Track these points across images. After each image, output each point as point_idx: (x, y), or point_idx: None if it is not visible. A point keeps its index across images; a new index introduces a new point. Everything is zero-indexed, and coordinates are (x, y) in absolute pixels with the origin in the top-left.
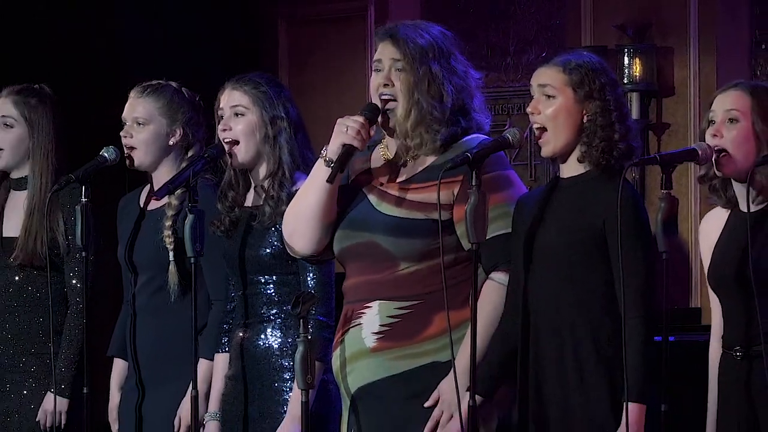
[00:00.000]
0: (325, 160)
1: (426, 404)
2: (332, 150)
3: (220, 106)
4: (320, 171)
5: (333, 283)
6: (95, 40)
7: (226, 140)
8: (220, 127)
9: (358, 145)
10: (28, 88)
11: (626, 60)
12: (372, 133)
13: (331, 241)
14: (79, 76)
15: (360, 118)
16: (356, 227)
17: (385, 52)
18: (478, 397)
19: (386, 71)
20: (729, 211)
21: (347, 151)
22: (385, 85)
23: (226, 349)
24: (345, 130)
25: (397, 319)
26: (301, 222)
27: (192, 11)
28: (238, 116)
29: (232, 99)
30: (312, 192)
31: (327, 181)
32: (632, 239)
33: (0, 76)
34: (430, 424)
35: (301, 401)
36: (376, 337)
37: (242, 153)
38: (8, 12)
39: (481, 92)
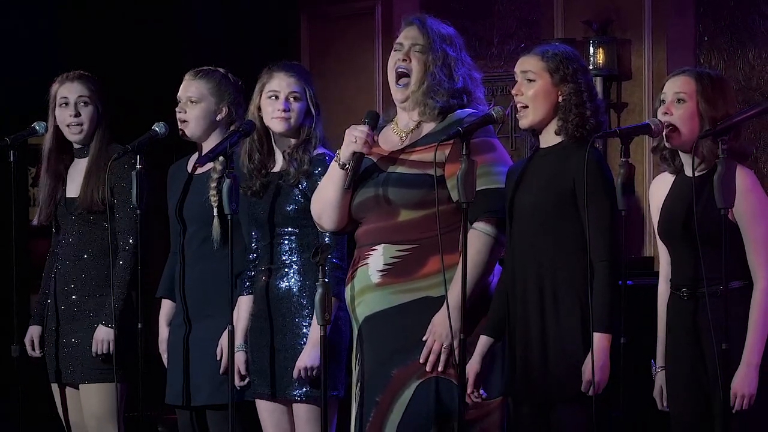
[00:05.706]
0: (339, 164)
1: (423, 338)
2: (345, 155)
3: (275, 87)
4: (335, 171)
5: (345, 234)
6: (160, 36)
7: (284, 117)
8: (279, 106)
9: (366, 151)
10: (83, 75)
11: (591, 50)
12: (375, 138)
13: (351, 218)
14: (139, 62)
15: (365, 128)
16: (368, 185)
17: (408, 35)
18: (488, 338)
19: (406, 50)
20: (674, 175)
21: (358, 158)
22: (403, 60)
23: (250, 291)
24: (354, 141)
25: (398, 260)
26: (325, 209)
27: (236, 11)
28: (296, 100)
29: (289, 85)
30: (331, 189)
31: (345, 188)
32: (599, 195)
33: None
34: (425, 352)
35: (320, 335)
36: (380, 274)
37: (292, 123)
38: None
39: (481, 88)
